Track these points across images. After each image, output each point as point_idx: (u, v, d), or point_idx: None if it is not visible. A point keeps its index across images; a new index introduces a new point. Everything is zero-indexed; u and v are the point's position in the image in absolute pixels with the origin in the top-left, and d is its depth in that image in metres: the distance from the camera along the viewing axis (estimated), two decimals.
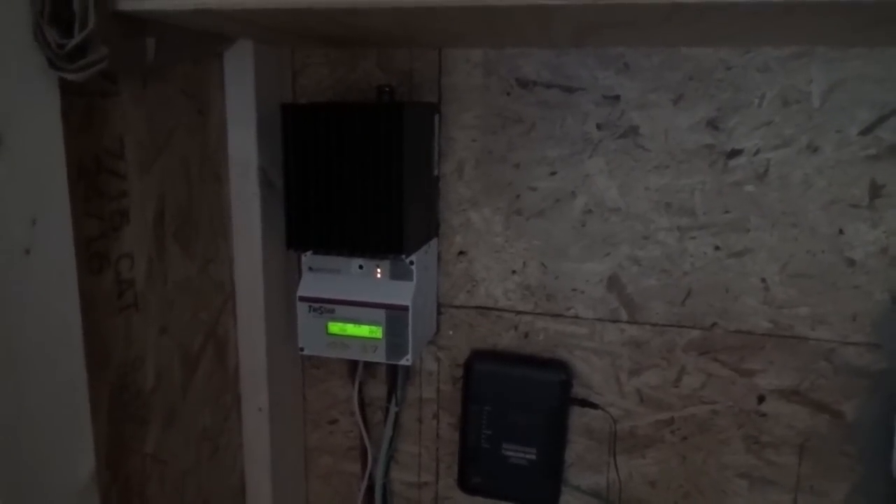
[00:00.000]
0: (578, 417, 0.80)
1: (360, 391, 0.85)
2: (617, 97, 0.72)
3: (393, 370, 0.83)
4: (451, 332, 0.82)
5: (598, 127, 0.73)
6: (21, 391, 0.45)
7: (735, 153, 0.70)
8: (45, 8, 0.43)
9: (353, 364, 0.84)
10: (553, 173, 0.75)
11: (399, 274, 0.71)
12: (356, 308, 0.72)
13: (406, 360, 0.72)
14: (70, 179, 0.48)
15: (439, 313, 0.82)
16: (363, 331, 0.72)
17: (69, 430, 0.49)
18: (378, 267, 0.71)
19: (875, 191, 0.67)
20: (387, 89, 0.72)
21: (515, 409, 0.77)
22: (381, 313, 0.71)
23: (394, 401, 0.84)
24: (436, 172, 0.77)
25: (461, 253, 0.80)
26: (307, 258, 0.73)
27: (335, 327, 0.73)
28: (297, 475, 0.89)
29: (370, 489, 0.87)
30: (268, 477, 0.81)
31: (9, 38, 0.42)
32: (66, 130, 0.48)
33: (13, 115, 0.42)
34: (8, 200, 0.43)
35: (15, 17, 0.42)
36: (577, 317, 0.78)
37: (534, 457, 0.78)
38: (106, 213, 0.56)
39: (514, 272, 0.79)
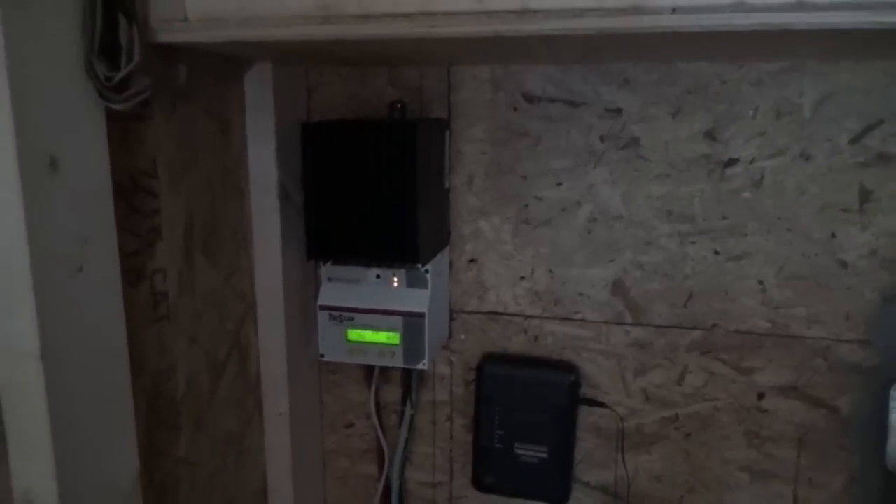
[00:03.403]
0: (587, 416, 0.83)
1: (375, 395, 0.88)
2: (619, 110, 0.75)
3: (407, 374, 0.86)
4: (463, 337, 0.85)
5: (602, 139, 0.76)
6: (75, 399, 0.48)
7: (732, 162, 0.74)
8: (95, 43, 0.46)
9: (369, 369, 0.87)
10: (559, 184, 0.79)
11: (415, 282, 0.75)
12: (374, 316, 0.75)
13: (422, 365, 0.75)
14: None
15: (452, 319, 0.85)
16: (381, 337, 0.75)
17: (117, 435, 0.53)
18: (394, 276, 0.75)
19: (865, 196, 0.71)
20: (398, 105, 0.76)
21: (526, 410, 0.81)
22: (399, 320, 0.74)
23: (408, 404, 0.87)
24: (447, 184, 0.80)
25: (472, 261, 0.83)
26: (326, 268, 0.76)
27: (354, 334, 0.76)
28: (315, 477, 0.92)
29: (386, 490, 0.90)
30: (289, 479, 0.84)
31: (63, 72, 0.45)
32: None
33: (67, 143, 0.46)
34: (63, 222, 0.46)
35: (68, 52, 0.46)
36: (583, 320, 0.81)
37: (545, 455, 0.81)
38: (142, 229, 0.59)
39: (522, 278, 0.82)
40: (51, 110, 0.44)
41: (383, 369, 0.87)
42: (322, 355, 0.77)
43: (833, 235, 0.73)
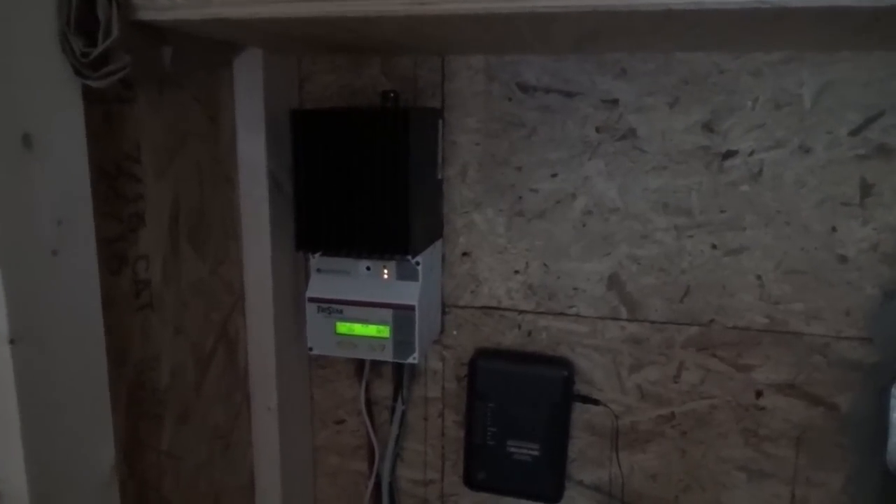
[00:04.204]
0: (581, 413, 0.82)
1: (366, 391, 0.87)
2: (615, 101, 0.74)
3: (399, 369, 0.85)
4: (455, 332, 0.84)
5: (597, 130, 0.75)
6: (48, 386, 0.47)
7: (730, 154, 0.72)
8: (71, 18, 0.45)
9: (360, 364, 0.86)
10: (554, 175, 0.77)
11: (405, 275, 0.73)
12: (364, 308, 0.74)
13: (413, 359, 0.74)
14: (91, 183, 0.50)
15: (444, 313, 0.84)
16: (371, 330, 0.74)
17: (92, 424, 0.51)
18: (385, 268, 0.73)
19: (865, 189, 0.70)
20: (391, 95, 0.75)
21: (519, 406, 0.79)
22: (389, 313, 0.73)
23: (400, 400, 0.86)
24: (440, 176, 0.79)
25: (465, 254, 0.82)
26: (315, 260, 0.75)
27: (343, 327, 0.75)
28: (305, 474, 0.91)
29: (377, 487, 0.89)
30: (277, 475, 0.83)
31: (37, 48, 0.44)
32: (87, 135, 0.50)
33: (42, 120, 0.44)
34: (37, 202, 0.45)
35: (43, 27, 0.44)
36: (578, 315, 0.80)
37: (537, 452, 0.79)
38: (124, 215, 0.58)
39: (516, 272, 0.81)
40: (24, 86, 0.43)
41: (375, 364, 0.86)
42: (310, 349, 0.76)
43: (833, 229, 0.71)
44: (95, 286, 0.50)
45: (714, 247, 0.75)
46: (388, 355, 0.74)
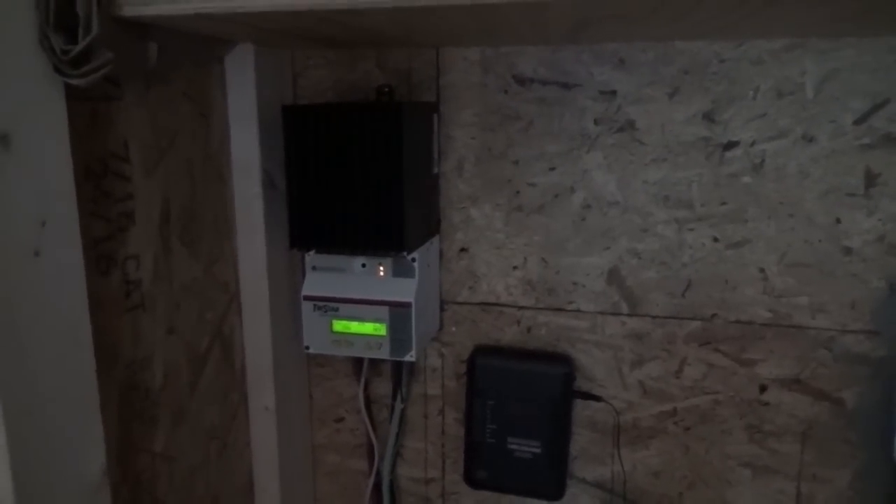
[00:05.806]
0: (582, 410, 0.81)
1: (365, 389, 0.86)
2: (613, 92, 0.72)
3: (398, 367, 0.84)
4: (454, 329, 0.83)
5: (596, 122, 0.74)
6: (32, 391, 0.46)
7: (731, 145, 0.71)
8: (50, 14, 0.44)
9: (359, 362, 0.85)
10: (552, 169, 0.76)
11: (401, 271, 0.72)
12: (360, 306, 0.73)
13: (410, 357, 0.73)
14: (77, 182, 0.49)
15: (442, 310, 0.83)
16: (367, 328, 0.73)
17: (80, 428, 0.50)
18: (380, 265, 0.72)
19: (870, 179, 0.68)
20: (386, 89, 0.73)
21: (519, 403, 0.78)
22: (385, 310, 0.72)
23: (399, 398, 0.85)
24: (436, 170, 0.78)
25: (463, 250, 0.80)
26: (310, 257, 0.74)
27: (339, 325, 0.74)
28: (304, 473, 0.90)
29: (377, 486, 0.88)
30: (276, 475, 0.82)
31: (15, 44, 0.43)
32: (72, 134, 0.49)
33: (20, 119, 0.43)
34: (17, 203, 0.44)
35: (20, 23, 0.43)
36: (578, 310, 0.79)
37: (538, 450, 0.78)
38: (112, 214, 0.57)
39: (515, 268, 0.79)
40: (1, 85, 0.42)
41: (373, 362, 0.85)
42: (307, 347, 0.75)
43: (837, 221, 0.70)
44: (82, 287, 0.50)
45: (716, 240, 0.73)
46: (384, 353, 0.73)
